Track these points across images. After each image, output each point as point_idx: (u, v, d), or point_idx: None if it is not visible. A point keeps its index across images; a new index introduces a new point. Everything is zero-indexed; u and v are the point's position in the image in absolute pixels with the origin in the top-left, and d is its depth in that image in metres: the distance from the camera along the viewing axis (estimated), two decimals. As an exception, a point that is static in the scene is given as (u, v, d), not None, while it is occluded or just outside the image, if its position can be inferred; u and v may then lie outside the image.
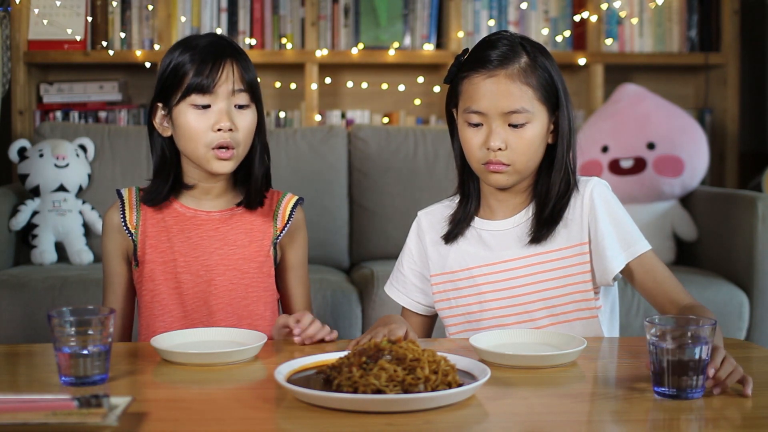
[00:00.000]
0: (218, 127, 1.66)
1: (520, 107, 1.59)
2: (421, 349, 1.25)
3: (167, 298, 1.73)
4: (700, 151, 3.20)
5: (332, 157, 3.16)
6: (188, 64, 1.67)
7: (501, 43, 1.62)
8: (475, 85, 1.61)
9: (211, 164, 1.69)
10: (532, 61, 1.62)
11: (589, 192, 1.65)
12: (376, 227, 3.11)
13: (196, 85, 1.66)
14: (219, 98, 1.67)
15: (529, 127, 1.60)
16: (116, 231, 1.75)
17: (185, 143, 1.69)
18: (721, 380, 1.27)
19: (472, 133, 1.62)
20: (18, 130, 3.43)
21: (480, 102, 1.60)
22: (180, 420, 1.16)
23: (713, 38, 3.70)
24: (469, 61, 1.65)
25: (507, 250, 1.68)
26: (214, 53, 1.67)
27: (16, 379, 1.41)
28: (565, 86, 1.66)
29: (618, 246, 1.63)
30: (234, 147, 1.68)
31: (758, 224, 2.77)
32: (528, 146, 1.61)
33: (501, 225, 1.70)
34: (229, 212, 1.76)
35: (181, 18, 3.53)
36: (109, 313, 1.32)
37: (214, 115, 1.67)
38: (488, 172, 1.63)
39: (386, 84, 3.72)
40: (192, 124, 1.67)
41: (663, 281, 1.63)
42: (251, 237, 1.75)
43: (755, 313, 2.78)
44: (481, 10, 3.64)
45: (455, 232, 1.72)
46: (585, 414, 1.22)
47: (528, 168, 1.64)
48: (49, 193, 3.00)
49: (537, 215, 1.67)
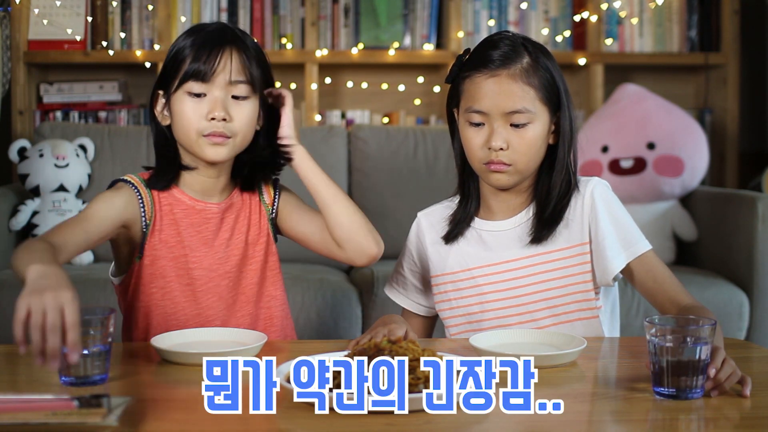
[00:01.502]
0: (211, 116, 1.62)
1: (522, 107, 1.59)
2: (421, 349, 1.25)
3: (180, 295, 1.69)
4: (700, 151, 3.20)
5: (332, 157, 3.16)
6: (188, 49, 1.64)
7: (503, 43, 1.62)
8: (477, 84, 1.61)
9: (203, 150, 1.64)
10: (534, 61, 1.61)
11: (589, 192, 1.65)
12: (376, 227, 3.10)
13: (194, 72, 1.62)
14: (215, 87, 1.63)
15: (531, 128, 1.60)
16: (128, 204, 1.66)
17: (179, 131, 1.66)
18: (720, 383, 1.27)
19: (474, 132, 1.62)
20: (18, 130, 3.43)
21: (482, 101, 1.60)
22: (180, 420, 1.16)
23: (713, 38, 3.70)
24: (471, 61, 1.64)
25: (507, 250, 1.68)
26: (214, 40, 1.63)
27: (16, 379, 1.40)
28: (567, 87, 1.66)
29: (618, 246, 1.63)
30: (229, 136, 1.64)
31: (758, 224, 2.77)
32: (529, 146, 1.61)
33: (501, 225, 1.70)
34: (226, 202, 1.73)
35: (181, 18, 3.53)
36: (109, 313, 1.32)
37: (209, 104, 1.63)
38: (489, 172, 1.62)
39: (386, 84, 3.72)
40: (186, 113, 1.63)
41: (663, 281, 1.63)
42: (250, 221, 1.75)
43: (755, 313, 2.78)
44: (481, 10, 3.64)
45: (455, 233, 1.72)
46: (585, 414, 1.22)
47: (529, 168, 1.64)
48: (49, 193, 3.00)
49: (538, 215, 1.67)
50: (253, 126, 1.69)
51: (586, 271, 1.65)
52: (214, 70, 1.62)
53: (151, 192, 1.68)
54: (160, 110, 1.69)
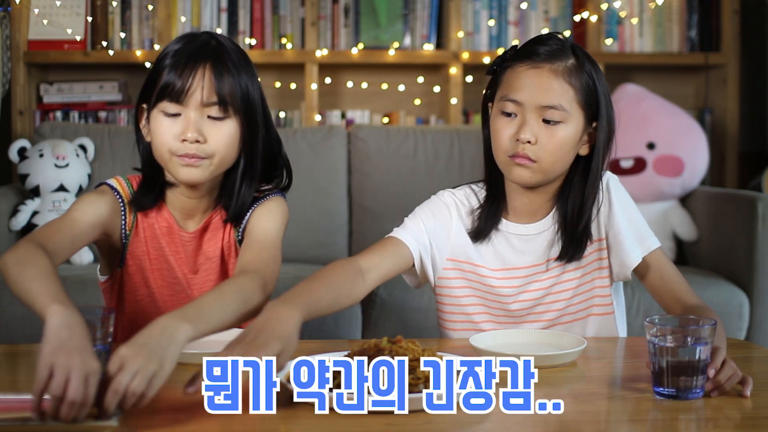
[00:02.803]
0: (183, 138, 1.55)
1: (558, 103, 1.55)
2: (421, 349, 1.25)
3: (165, 303, 1.69)
4: (700, 151, 3.20)
5: (332, 157, 3.16)
6: (166, 64, 1.57)
7: (552, 41, 1.59)
8: (517, 73, 1.58)
9: (177, 171, 1.58)
10: (579, 64, 1.58)
11: (604, 187, 1.63)
12: (376, 227, 3.11)
13: (168, 91, 1.56)
14: (189, 108, 1.55)
15: (563, 127, 1.56)
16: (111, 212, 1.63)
17: (156, 150, 1.60)
18: (720, 384, 1.27)
19: (504, 123, 1.58)
20: (18, 130, 3.43)
21: (519, 92, 1.56)
22: (180, 420, 1.16)
23: (713, 38, 3.70)
24: (515, 54, 1.61)
25: (532, 254, 1.65)
26: (190, 57, 1.56)
27: (16, 379, 1.40)
28: (610, 101, 1.62)
29: (634, 240, 1.62)
30: (204, 157, 1.56)
31: (758, 224, 2.77)
32: (558, 146, 1.56)
33: (528, 229, 1.65)
34: (207, 221, 1.68)
35: (181, 18, 3.53)
36: (109, 313, 1.32)
37: (182, 124, 1.56)
38: (513, 165, 1.57)
39: (386, 84, 3.72)
40: (160, 132, 1.57)
41: (670, 279, 1.63)
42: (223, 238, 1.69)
43: (755, 313, 2.78)
44: (481, 10, 3.64)
45: (484, 233, 1.66)
46: (585, 414, 1.22)
47: (554, 170, 1.59)
48: (49, 193, 3.00)
49: (568, 231, 1.62)
50: (234, 145, 1.60)
51: (603, 267, 1.64)
52: (187, 90, 1.55)
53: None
54: (144, 125, 1.64)
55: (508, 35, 3.65)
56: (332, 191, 3.14)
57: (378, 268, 1.58)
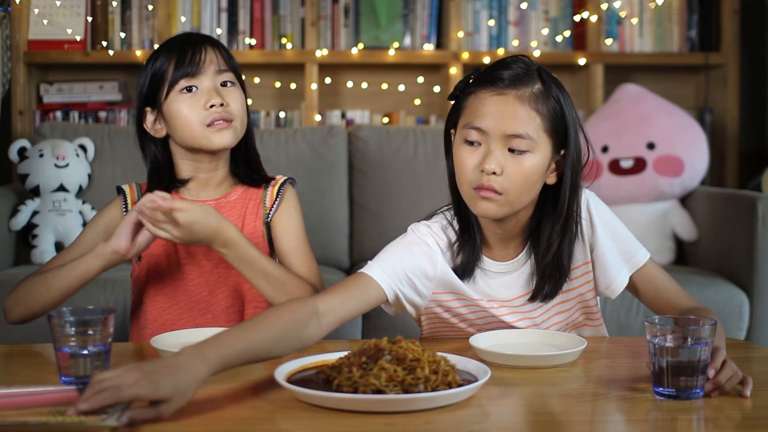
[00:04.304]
0: (210, 104, 1.68)
1: (524, 132, 1.47)
2: (421, 349, 1.25)
3: (172, 291, 1.73)
4: (700, 151, 3.20)
5: (332, 157, 3.16)
6: (167, 62, 1.70)
7: (516, 65, 1.51)
8: (481, 100, 1.50)
9: (211, 140, 1.69)
10: (546, 89, 1.50)
11: (584, 208, 1.58)
12: (376, 227, 3.11)
13: (182, 69, 1.69)
14: (205, 78, 1.70)
15: (530, 157, 1.48)
16: (113, 218, 1.75)
17: (181, 131, 1.70)
18: (720, 384, 1.27)
19: (468, 152, 1.50)
20: (18, 130, 3.43)
21: (483, 119, 1.48)
22: (180, 420, 1.16)
23: (713, 38, 3.70)
24: (479, 79, 1.53)
25: (514, 289, 1.60)
26: (192, 42, 1.72)
27: (16, 379, 1.40)
28: (578, 128, 1.53)
29: (619, 260, 1.60)
30: (231, 119, 1.70)
31: (758, 224, 2.77)
32: (525, 177, 1.48)
33: (505, 267, 1.60)
34: (224, 199, 1.76)
35: (181, 18, 3.53)
36: (109, 313, 1.32)
37: (203, 94, 1.69)
38: (478, 198, 1.49)
39: (386, 84, 3.72)
40: (184, 110, 1.69)
41: (665, 289, 1.61)
42: (245, 221, 1.75)
43: (755, 313, 2.78)
44: (481, 10, 3.64)
45: (468, 271, 1.58)
46: (585, 414, 1.22)
47: (521, 201, 1.51)
48: (49, 193, 3.00)
49: (539, 269, 1.57)
50: (245, 112, 1.74)
51: (590, 289, 1.63)
52: (200, 65, 1.69)
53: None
54: (152, 126, 1.73)
55: (508, 35, 3.65)
56: (332, 191, 3.14)
57: (337, 311, 1.44)
